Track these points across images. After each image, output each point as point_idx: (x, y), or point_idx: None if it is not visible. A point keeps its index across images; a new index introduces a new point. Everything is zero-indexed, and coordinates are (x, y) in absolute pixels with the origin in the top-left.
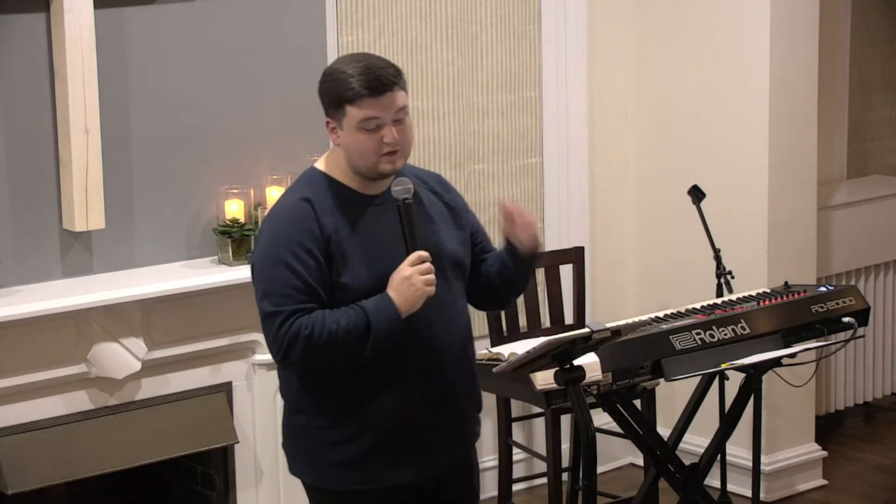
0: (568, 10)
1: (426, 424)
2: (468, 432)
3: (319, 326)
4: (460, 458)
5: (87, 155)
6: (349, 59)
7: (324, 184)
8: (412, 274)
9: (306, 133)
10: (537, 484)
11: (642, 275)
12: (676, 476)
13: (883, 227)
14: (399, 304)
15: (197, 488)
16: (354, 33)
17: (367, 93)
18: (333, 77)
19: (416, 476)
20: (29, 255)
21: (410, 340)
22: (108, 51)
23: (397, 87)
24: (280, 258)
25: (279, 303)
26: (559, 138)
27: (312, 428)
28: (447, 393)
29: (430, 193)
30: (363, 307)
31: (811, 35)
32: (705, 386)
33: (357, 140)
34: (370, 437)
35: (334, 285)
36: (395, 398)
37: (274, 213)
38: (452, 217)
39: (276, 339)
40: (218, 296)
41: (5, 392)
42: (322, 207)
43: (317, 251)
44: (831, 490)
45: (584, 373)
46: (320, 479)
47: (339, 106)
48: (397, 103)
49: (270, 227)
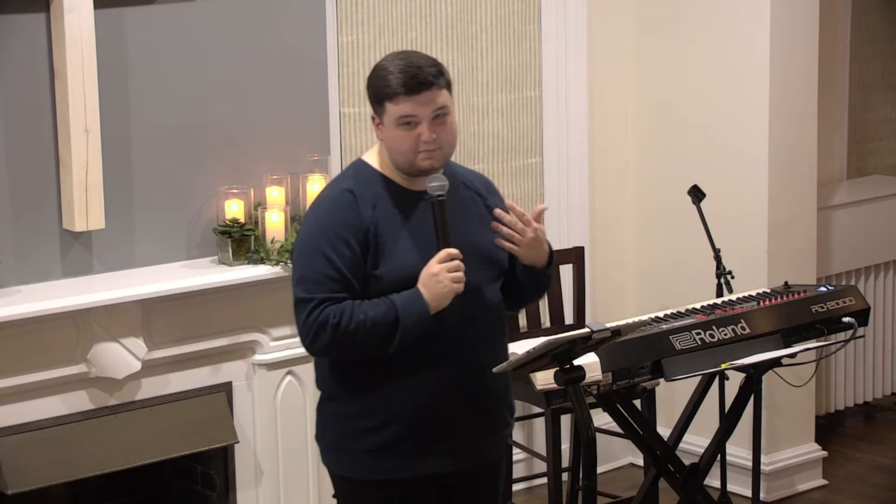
0: (568, 10)
1: (453, 418)
2: (496, 432)
3: (348, 316)
4: (486, 456)
5: (87, 155)
6: (394, 57)
7: (369, 176)
8: (440, 271)
9: (306, 133)
10: (537, 484)
11: (642, 275)
12: (676, 476)
13: (883, 227)
14: (428, 299)
15: (197, 488)
16: (354, 33)
17: (404, 91)
18: (376, 73)
19: (439, 468)
20: (29, 255)
21: (441, 335)
22: (108, 51)
23: (436, 86)
24: (317, 247)
25: (311, 290)
26: (559, 138)
27: (341, 416)
28: (477, 389)
29: (473, 194)
30: (393, 300)
31: (811, 35)
32: (705, 386)
33: (396, 136)
34: (397, 427)
35: (368, 276)
36: (424, 390)
37: (317, 202)
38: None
39: (304, 325)
40: (218, 296)
41: (5, 392)
42: (364, 199)
43: (354, 242)
44: (831, 490)
45: (584, 373)
46: (345, 468)
47: (380, 102)
48: (436, 102)
49: (312, 216)
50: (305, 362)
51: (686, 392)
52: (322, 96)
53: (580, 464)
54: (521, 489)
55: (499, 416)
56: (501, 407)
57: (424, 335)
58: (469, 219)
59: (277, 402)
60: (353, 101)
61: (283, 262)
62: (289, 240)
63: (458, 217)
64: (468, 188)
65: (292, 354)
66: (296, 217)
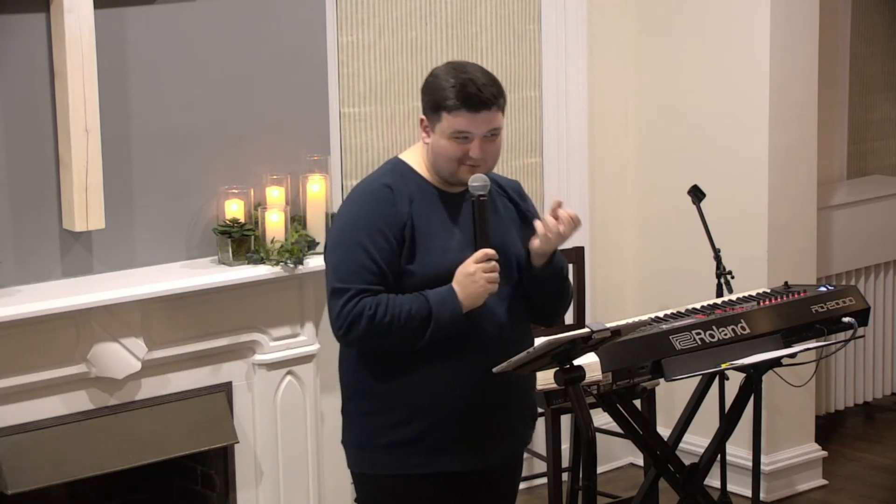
0: (568, 10)
1: (476, 417)
2: (518, 433)
3: (383, 308)
4: (507, 456)
5: (87, 155)
6: (458, 68)
7: (406, 174)
8: (476, 270)
9: (306, 133)
10: (537, 484)
11: (642, 275)
12: (676, 476)
13: (883, 227)
14: (462, 298)
15: (197, 488)
16: (354, 33)
17: (465, 107)
18: (437, 81)
19: (460, 466)
20: (29, 255)
21: (469, 334)
22: (108, 51)
23: (496, 107)
24: (355, 238)
25: (347, 280)
26: (559, 138)
27: (363, 413)
28: (500, 390)
29: (507, 200)
30: (426, 296)
31: (811, 35)
32: (705, 386)
33: (446, 146)
34: (419, 423)
35: (402, 272)
36: (448, 387)
37: (355, 195)
38: (524, 226)
39: (339, 315)
40: (218, 296)
41: (5, 392)
42: (401, 195)
43: (391, 236)
44: (831, 490)
45: (584, 373)
46: (365, 464)
47: (437, 111)
48: (492, 123)
49: (351, 208)
50: (305, 362)
51: (686, 392)
52: (322, 96)
53: (580, 464)
54: (521, 489)
55: (520, 418)
56: (522, 408)
57: (456, 332)
58: (503, 222)
59: (277, 402)
60: (353, 101)
61: (283, 263)
62: (289, 240)
63: (495, 219)
64: (503, 193)
65: (292, 354)
66: (296, 217)
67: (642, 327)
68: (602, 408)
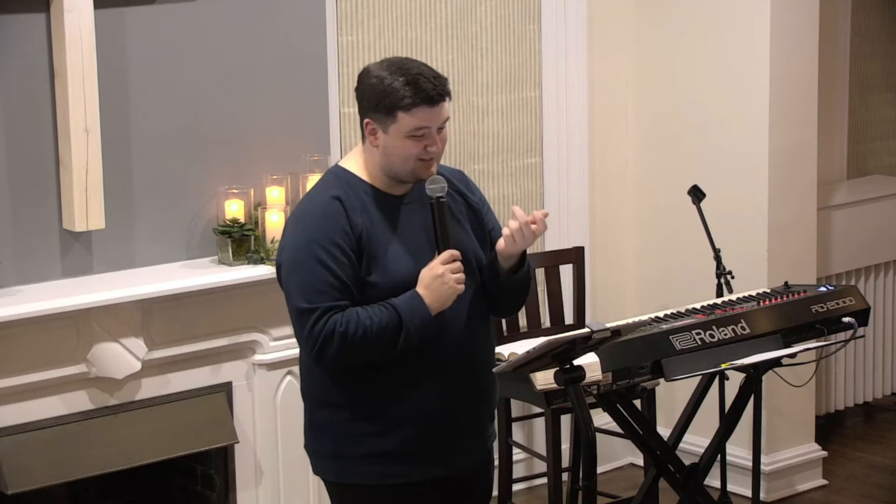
0: (568, 10)
1: (457, 421)
2: (487, 430)
3: (354, 324)
4: (482, 455)
5: (87, 155)
6: (401, 65)
7: (351, 182)
8: (444, 272)
9: (306, 133)
10: (537, 484)
11: (642, 275)
12: (676, 476)
13: (883, 227)
14: (429, 301)
15: (197, 488)
16: (354, 33)
17: (425, 103)
18: (385, 82)
19: (443, 472)
20: (29, 255)
21: (438, 338)
22: (108, 51)
23: (448, 97)
24: (315, 256)
25: (313, 300)
26: (559, 138)
27: (340, 421)
28: (477, 390)
29: (454, 193)
30: (394, 305)
31: (811, 35)
32: (705, 386)
33: (403, 146)
34: (404, 431)
35: (364, 283)
36: (425, 396)
37: (303, 211)
38: (475, 218)
39: (310, 336)
40: (218, 296)
41: (5, 392)
42: (352, 205)
43: (349, 249)
44: (831, 490)
45: (584, 373)
46: (346, 474)
47: (391, 112)
48: (445, 114)
49: (302, 225)
50: None
51: (686, 392)
52: (322, 96)
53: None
54: (521, 489)
55: (487, 415)
56: (491, 404)
57: (426, 337)
58: (458, 222)
59: (277, 402)
60: (353, 101)
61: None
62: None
63: (451, 221)
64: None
65: (292, 354)
66: None
67: (642, 327)
68: (602, 408)
